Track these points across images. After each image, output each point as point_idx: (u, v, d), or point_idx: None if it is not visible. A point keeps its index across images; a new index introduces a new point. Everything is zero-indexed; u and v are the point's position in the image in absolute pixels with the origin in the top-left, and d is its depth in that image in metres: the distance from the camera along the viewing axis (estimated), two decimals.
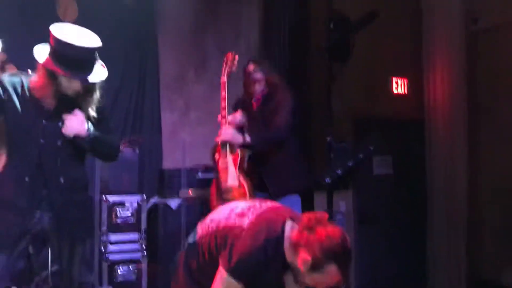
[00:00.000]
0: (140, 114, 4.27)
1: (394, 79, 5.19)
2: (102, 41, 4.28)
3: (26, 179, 2.25)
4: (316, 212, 2.03)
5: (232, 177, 2.95)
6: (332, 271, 1.92)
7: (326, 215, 2.00)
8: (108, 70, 4.20)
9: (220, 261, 1.97)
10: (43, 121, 2.30)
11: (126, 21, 4.34)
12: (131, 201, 3.70)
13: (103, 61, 4.28)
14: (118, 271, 3.63)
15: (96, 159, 3.67)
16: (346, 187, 4.44)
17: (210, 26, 4.84)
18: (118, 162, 3.68)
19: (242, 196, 2.93)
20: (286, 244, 1.98)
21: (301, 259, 1.93)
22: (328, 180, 3.58)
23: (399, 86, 5.20)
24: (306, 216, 2.00)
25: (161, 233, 3.83)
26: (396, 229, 5.03)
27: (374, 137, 4.83)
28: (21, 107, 2.28)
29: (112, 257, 3.64)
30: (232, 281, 1.93)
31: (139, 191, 3.85)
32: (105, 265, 3.62)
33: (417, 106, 4.97)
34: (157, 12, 4.53)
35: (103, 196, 3.65)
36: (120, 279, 3.64)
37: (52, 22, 4.05)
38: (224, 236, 2.01)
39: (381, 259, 4.89)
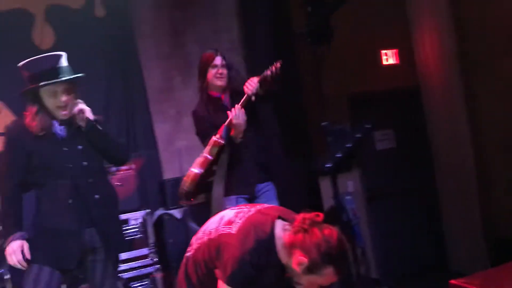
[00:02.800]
0: (132, 130, 4.23)
1: (383, 51, 5.11)
2: (82, 64, 4.25)
3: (70, 201, 2.42)
4: (311, 212, 1.98)
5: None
6: (329, 273, 1.89)
7: (321, 215, 1.96)
8: (93, 90, 4.22)
9: (217, 273, 1.94)
10: (64, 148, 2.47)
11: (104, 38, 4.28)
12: (136, 217, 3.69)
13: (87, 83, 4.30)
14: None
15: None
16: (349, 169, 4.38)
17: (188, 26, 4.76)
18: (116, 181, 3.73)
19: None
20: (279, 245, 1.95)
21: (297, 261, 1.89)
22: (329, 165, 3.54)
23: (389, 58, 5.12)
24: (300, 216, 1.95)
25: (170, 244, 3.82)
26: (407, 200, 5.00)
27: (372, 113, 4.78)
28: (37, 146, 2.45)
29: (126, 275, 3.65)
30: None
31: (142, 206, 3.83)
32: (119, 284, 3.62)
33: (410, 75, 4.89)
34: (133, 21, 4.46)
35: None
36: None
37: (30, 51, 4.07)
38: (216, 247, 1.98)
39: (396, 232, 4.86)
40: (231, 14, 4.88)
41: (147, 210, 3.79)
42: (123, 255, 3.63)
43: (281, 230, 1.98)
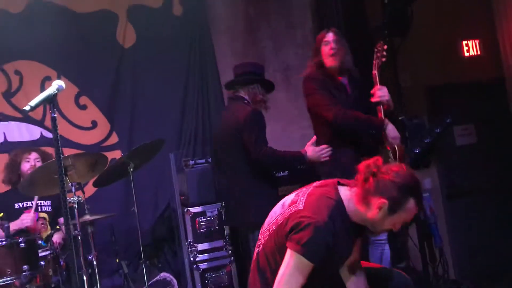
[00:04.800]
0: (209, 125, 4.31)
1: (464, 42, 4.86)
2: (162, 58, 4.39)
3: None
4: (369, 159, 1.97)
5: None
6: (411, 206, 1.91)
7: (380, 158, 1.96)
8: (170, 86, 4.36)
9: (289, 246, 1.90)
10: None
11: (181, 35, 4.41)
12: (211, 210, 3.78)
13: (168, 77, 4.47)
14: (209, 278, 3.73)
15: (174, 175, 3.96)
16: (427, 165, 4.23)
17: (262, 22, 4.80)
18: (193, 174, 3.85)
19: None
20: (350, 205, 1.94)
21: (377, 206, 1.89)
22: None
23: (470, 49, 4.87)
24: (362, 165, 1.95)
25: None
26: (489, 199, 4.74)
27: (451, 107, 4.57)
28: None
29: (202, 265, 3.74)
30: (305, 261, 1.87)
31: (217, 199, 3.90)
32: (197, 274, 3.73)
33: (493, 67, 4.63)
34: (208, 18, 4.56)
35: (185, 209, 3.77)
36: (212, 285, 3.73)
37: (114, 48, 4.29)
38: (285, 230, 1.94)
39: (476, 232, 4.63)
40: (305, 9, 4.85)
41: (222, 203, 3.86)
42: (200, 246, 3.75)
43: (346, 191, 1.98)
